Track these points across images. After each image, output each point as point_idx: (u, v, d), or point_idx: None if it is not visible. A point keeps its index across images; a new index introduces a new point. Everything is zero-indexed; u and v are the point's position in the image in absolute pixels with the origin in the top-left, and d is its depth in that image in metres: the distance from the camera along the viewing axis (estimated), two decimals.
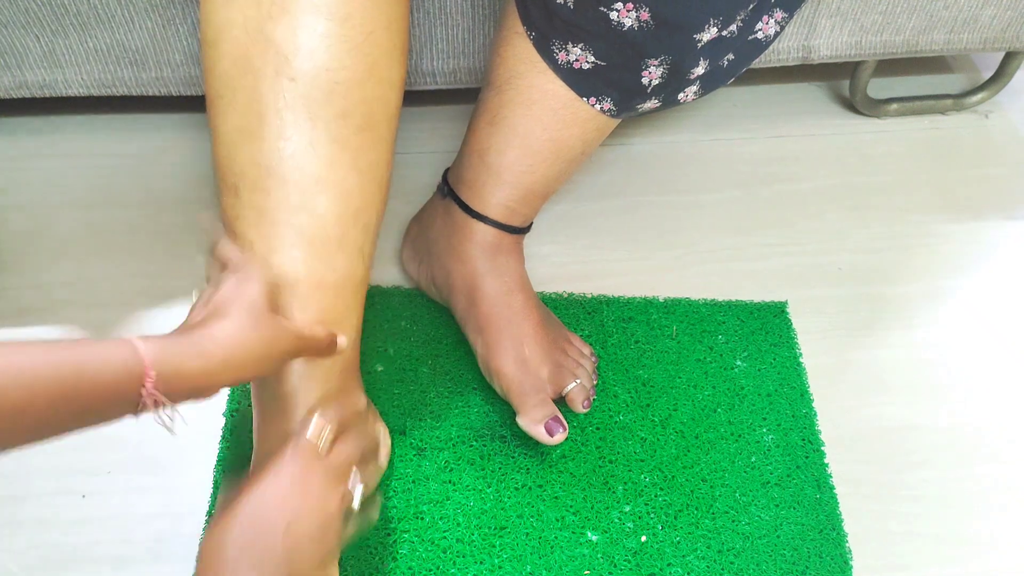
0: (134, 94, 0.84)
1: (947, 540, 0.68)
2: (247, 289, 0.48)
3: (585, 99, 0.63)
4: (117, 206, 0.86)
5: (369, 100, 0.55)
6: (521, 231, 0.73)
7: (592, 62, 0.60)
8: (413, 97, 0.93)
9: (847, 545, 0.67)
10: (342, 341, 0.55)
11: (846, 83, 0.98)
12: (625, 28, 0.56)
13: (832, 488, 0.69)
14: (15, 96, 0.83)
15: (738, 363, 0.76)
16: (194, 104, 0.92)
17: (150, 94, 0.83)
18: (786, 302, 0.81)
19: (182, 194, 0.88)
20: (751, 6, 0.57)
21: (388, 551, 0.65)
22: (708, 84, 0.63)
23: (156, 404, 0.41)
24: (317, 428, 0.53)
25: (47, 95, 0.83)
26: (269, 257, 0.54)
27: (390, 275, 0.81)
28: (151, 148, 0.92)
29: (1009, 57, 0.94)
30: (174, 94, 0.84)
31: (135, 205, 0.86)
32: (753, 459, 0.71)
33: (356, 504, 0.54)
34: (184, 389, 0.42)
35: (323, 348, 0.54)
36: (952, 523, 0.69)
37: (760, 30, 0.61)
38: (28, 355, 0.37)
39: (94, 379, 0.39)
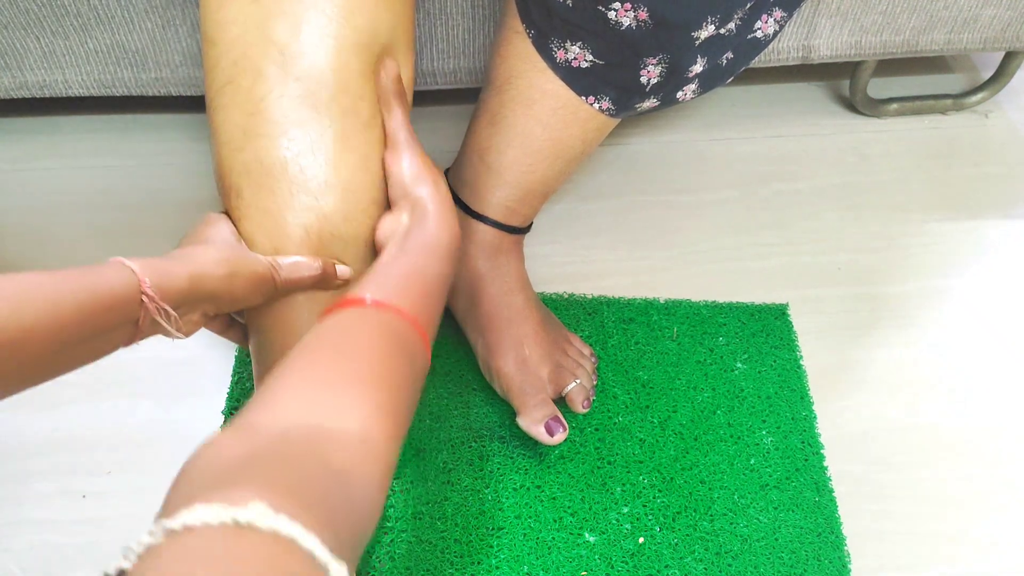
0: (134, 94, 0.84)
1: (947, 540, 0.68)
2: (218, 226, 0.53)
3: (584, 98, 0.63)
4: (117, 207, 0.86)
5: (375, 99, 0.55)
6: (521, 231, 0.73)
7: (590, 60, 0.60)
8: (413, 97, 0.93)
9: (845, 548, 0.67)
10: (343, 271, 0.55)
11: (846, 83, 0.97)
12: (623, 27, 0.56)
13: (831, 491, 0.69)
14: (15, 96, 0.83)
15: (738, 365, 0.76)
16: (194, 105, 0.92)
17: (150, 94, 0.84)
18: (787, 304, 0.81)
19: (182, 195, 0.88)
20: (749, 5, 0.56)
21: (386, 551, 0.65)
22: (707, 83, 0.63)
23: (155, 308, 0.44)
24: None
25: (47, 95, 0.83)
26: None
27: None
28: (151, 148, 0.92)
29: (1009, 57, 0.94)
30: (174, 95, 0.84)
31: (135, 206, 0.86)
32: (752, 461, 0.71)
33: None
34: (173, 295, 0.46)
35: (317, 279, 0.54)
36: (952, 523, 0.69)
37: (759, 29, 0.61)
38: (50, 282, 0.40)
39: (103, 296, 0.42)
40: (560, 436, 0.66)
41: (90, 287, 0.41)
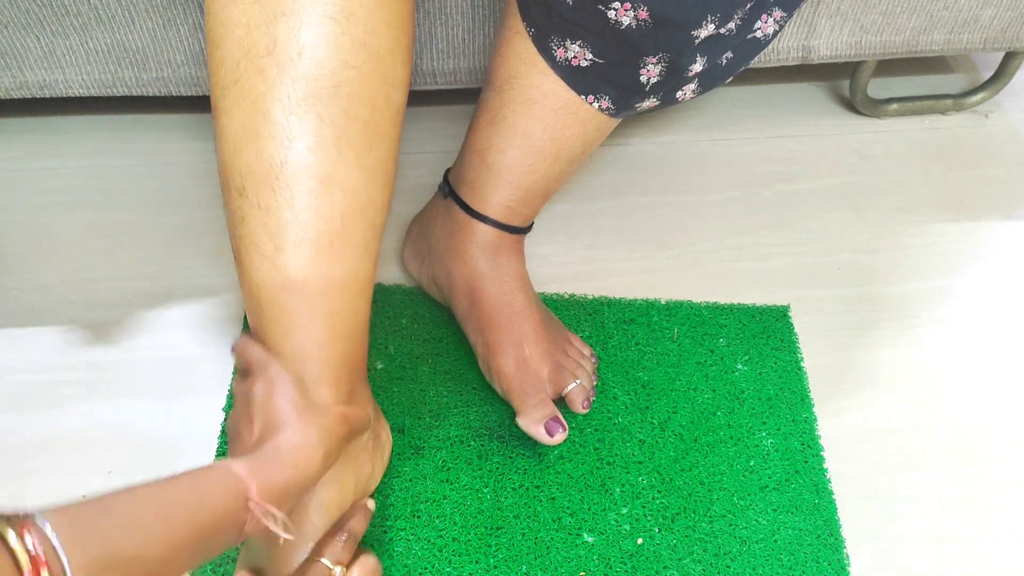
0: (135, 94, 0.84)
1: (947, 540, 0.68)
2: (283, 392, 0.53)
3: (584, 97, 0.63)
4: (117, 206, 0.87)
5: (374, 98, 0.55)
6: (522, 231, 0.73)
7: (590, 59, 0.60)
8: (413, 97, 0.92)
9: (844, 551, 0.66)
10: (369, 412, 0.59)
11: (846, 83, 0.97)
12: (623, 26, 0.56)
13: (831, 493, 0.69)
14: (15, 96, 0.83)
15: (739, 367, 0.76)
16: (195, 104, 0.92)
17: (151, 94, 0.84)
18: (788, 306, 0.81)
19: (182, 194, 0.88)
20: (749, 5, 0.56)
21: (384, 549, 0.65)
22: (706, 82, 0.63)
23: (263, 512, 0.46)
24: None
25: (47, 95, 0.83)
26: (276, 257, 0.54)
27: (392, 273, 0.82)
28: (151, 148, 0.92)
29: (1009, 57, 0.94)
30: (175, 94, 0.84)
31: (135, 205, 0.87)
32: (752, 463, 0.71)
33: None
34: (279, 499, 0.48)
35: (364, 423, 0.59)
36: (952, 524, 0.69)
37: (759, 29, 0.61)
38: (162, 498, 0.42)
39: (213, 508, 0.44)
40: (560, 436, 0.66)
41: (199, 502, 0.43)
